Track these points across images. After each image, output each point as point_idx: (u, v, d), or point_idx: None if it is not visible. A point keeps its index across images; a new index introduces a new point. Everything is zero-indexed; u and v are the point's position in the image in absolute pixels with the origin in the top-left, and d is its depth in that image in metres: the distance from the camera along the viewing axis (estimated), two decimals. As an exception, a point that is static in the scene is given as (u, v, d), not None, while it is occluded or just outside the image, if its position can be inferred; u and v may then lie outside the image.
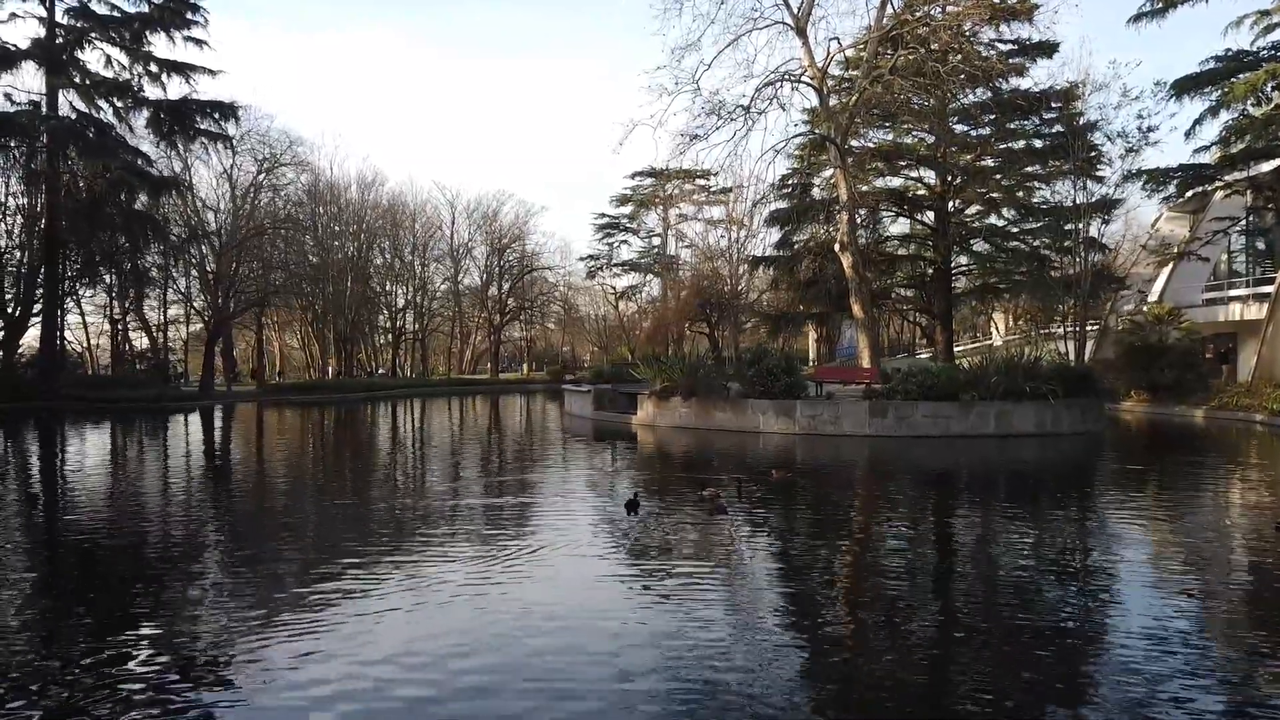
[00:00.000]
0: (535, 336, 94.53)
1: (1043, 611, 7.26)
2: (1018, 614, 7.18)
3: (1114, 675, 5.74)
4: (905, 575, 8.75)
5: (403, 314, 79.01)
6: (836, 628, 7.05)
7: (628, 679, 5.64)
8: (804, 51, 30.09)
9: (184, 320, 60.47)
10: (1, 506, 13.58)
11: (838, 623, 7.20)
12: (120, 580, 8.69)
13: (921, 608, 7.58)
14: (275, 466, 19.61)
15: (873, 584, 8.43)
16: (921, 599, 7.89)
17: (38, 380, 41.79)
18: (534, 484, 15.37)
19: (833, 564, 9.34)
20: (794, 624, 7.06)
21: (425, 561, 9.05)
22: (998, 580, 8.43)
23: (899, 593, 8.03)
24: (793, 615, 7.32)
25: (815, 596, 8.08)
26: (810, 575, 8.85)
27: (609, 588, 8.02)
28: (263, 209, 55.15)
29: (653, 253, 78.18)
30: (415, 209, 78.00)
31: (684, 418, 25.86)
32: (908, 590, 8.16)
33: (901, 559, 9.50)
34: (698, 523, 10.89)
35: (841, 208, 30.97)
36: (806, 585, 8.47)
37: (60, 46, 42.03)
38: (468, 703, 5.34)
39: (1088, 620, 7.05)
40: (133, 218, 44.47)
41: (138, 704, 5.34)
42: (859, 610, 7.53)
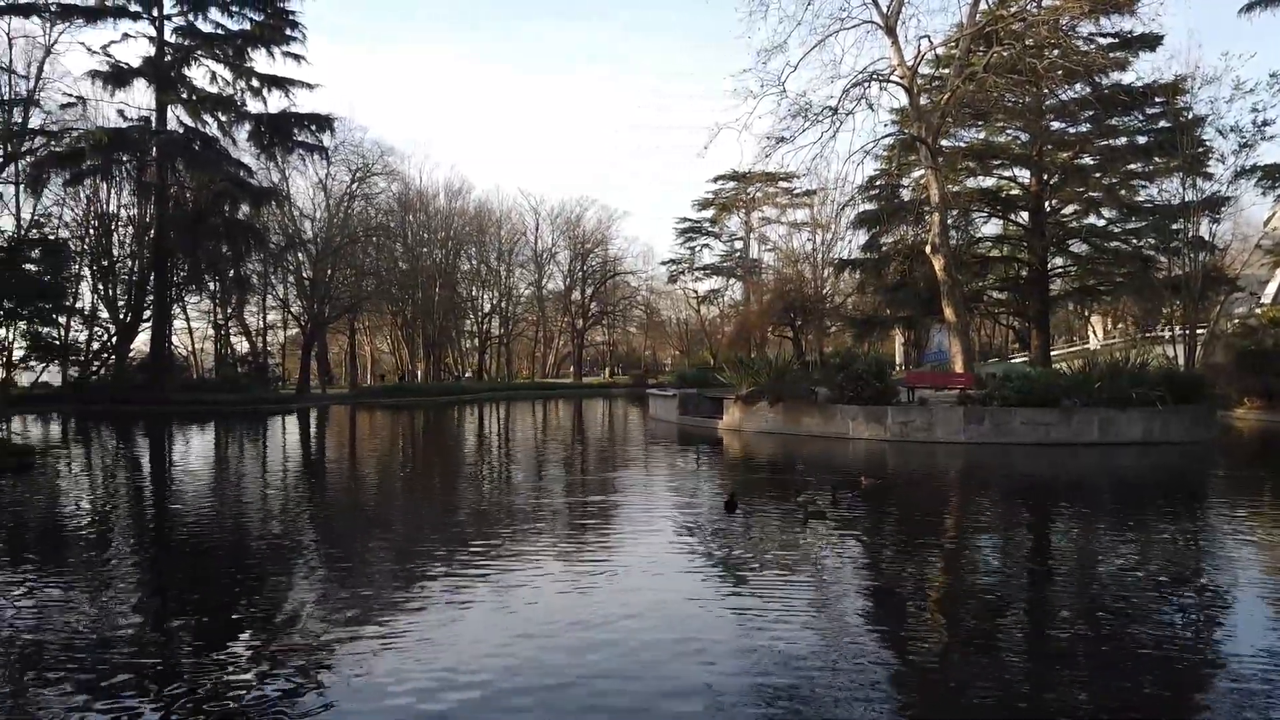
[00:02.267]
0: (617, 340, 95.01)
1: (1148, 629, 6.88)
2: (1121, 632, 6.81)
3: (1225, 697, 5.40)
4: (1000, 588, 8.43)
5: (488, 318, 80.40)
6: (926, 642, 6.80)
7: (714, 688, 5.55)
8: (893, 50, 29.50)
9: (282, 325, 62.75)
10: (115, 503, 14.27)
11: (928, 635, 6.94)
12: (223, 574, 8.99)
13: (1016, 622, 7.29)
14: (367, 467, 20.12)
15: (965, 596, 8.14)
16: (1017, 613, 7.58)
17: (147, 383, 43.83)
18: (620, 486, 15.39)
19: (924, 574, 9.06)
20: (881, 631, 6.87)
21: (512, 560, 9.11)
22: (1099, 596, 8.02)
23: (993, 606, 7.72)
24: (880, 623, 7.12)
25: (905, 606, 7.82)
26: (901, 585, 8.57)
27: (694, 590, 7.93)
28: (356, 217, 56.88)
29: (735, 256, 77.81)
30: (500, 215, 79.42)
31: (770, 423, 25.57)
32: (1002, 604, 7.84)
33: (997, 571, 9.17)
34: (789, 528, 10.72)
35: (932, 209, 30.23)
36: (896, 595, 8.20)
37: (169, 64, 44.12)
38: (547, 700, 5.32)
39: (1196, 639, 6.67)
40: (235, 227, 46.38)
41: (238, 694, 5.51)
42: (950, 623, 7.28)
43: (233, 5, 44.47)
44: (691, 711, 5.20)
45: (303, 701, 5.44)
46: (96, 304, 49.00)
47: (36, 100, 43.71)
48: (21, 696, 5.57)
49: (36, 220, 45.81)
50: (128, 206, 49.65)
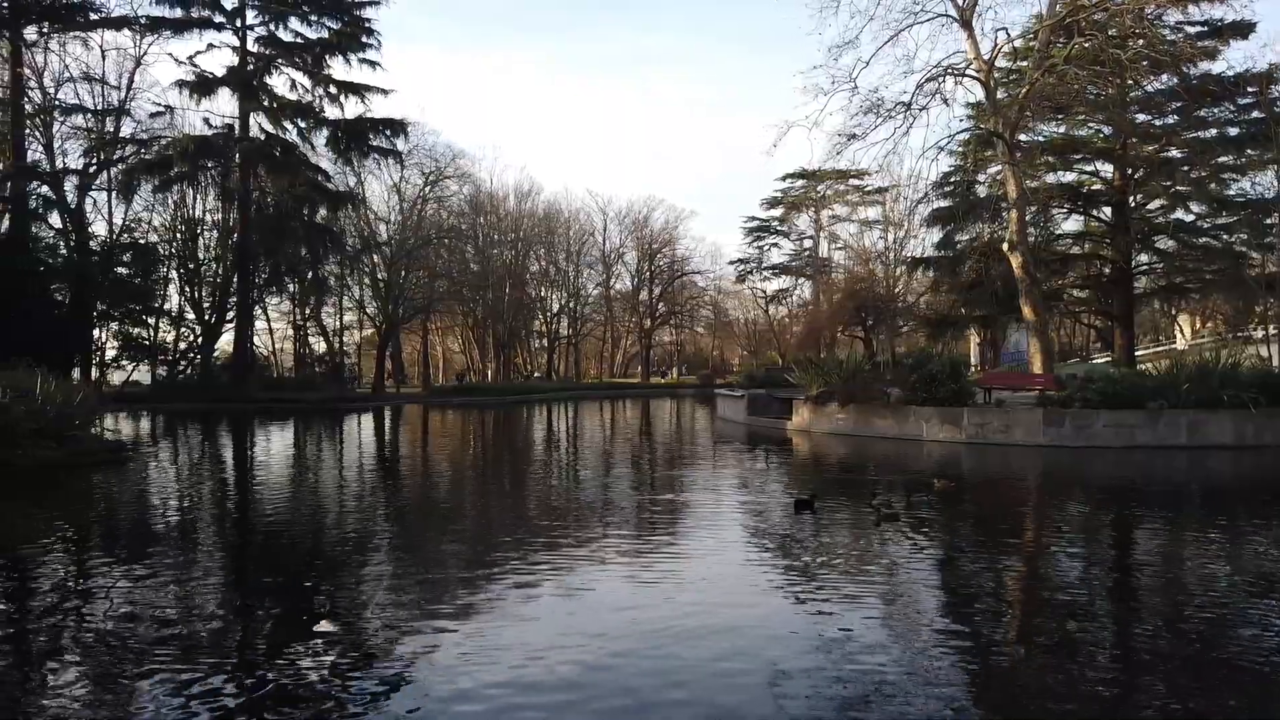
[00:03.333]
0: (684, 340, 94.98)
1: (1236, 638, 6.55)
2: (1209, 640, 6.50)
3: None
4: (1081, 593, 8.13)
5: (557, 319, 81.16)
6: (1004, 648, 6.59)
7: (782, 694, 5.48)
8: (969, 44, 28.82)
9: (358, 326, 64.36)
10: (202, 496, 14.80)
11: (1005, 641, 6.73)
12: (302, 566, 9.23)
13: (1097, 628, 7.02)
14: (440, 464, 20.48)
15: (1044, 601, 7.87)
16: (1097, 618, 7.30)
17: (231, 382, 45.35)
18: (688, 485, 15.35)
19: (1002, 578, 8.80)
20: (957, 636, 6.68)
21: (580, 558, 9.15)
22: (1185, 603, 7.67)
23: (1072, 611, 7.44)
24: (956, 628, 6.93)
25: (983, 611, 7.60)
26: (977, 589, 8.33)
27: (763, 594, 7.85)
28: (428, 220, 58.01)
29: (804, 255, 77.10)
30: (569, 216, 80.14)
31: (841, 424, 25.22)
32: (1082, 609, 7.55)
33: (1078, 576, 8.87)
34: (861, 530, 10.55)
35: (1010, 205, 29.45)
36: (973, 599, 7.98)
37: (251, 73, 45.59)
38: (618, 704, 5.31)
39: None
40: (313, 230, 47.73)
41: (315, 687, 5.64)
42: (1027, 629, 7.05)
43: (312, 14, 45.75)
44: (761, 717, 5.14)
45: (376, 694, 5.54)
46: (183, 305, 51.02)
47: (127, 110, 45.73)
48: (114, 681, 5.79)
49: (127, 225, 47.93)
50: (212, 211, 51.62)
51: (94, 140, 45.28)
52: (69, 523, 12.25)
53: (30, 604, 7.86)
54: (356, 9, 46.31)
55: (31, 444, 16.85)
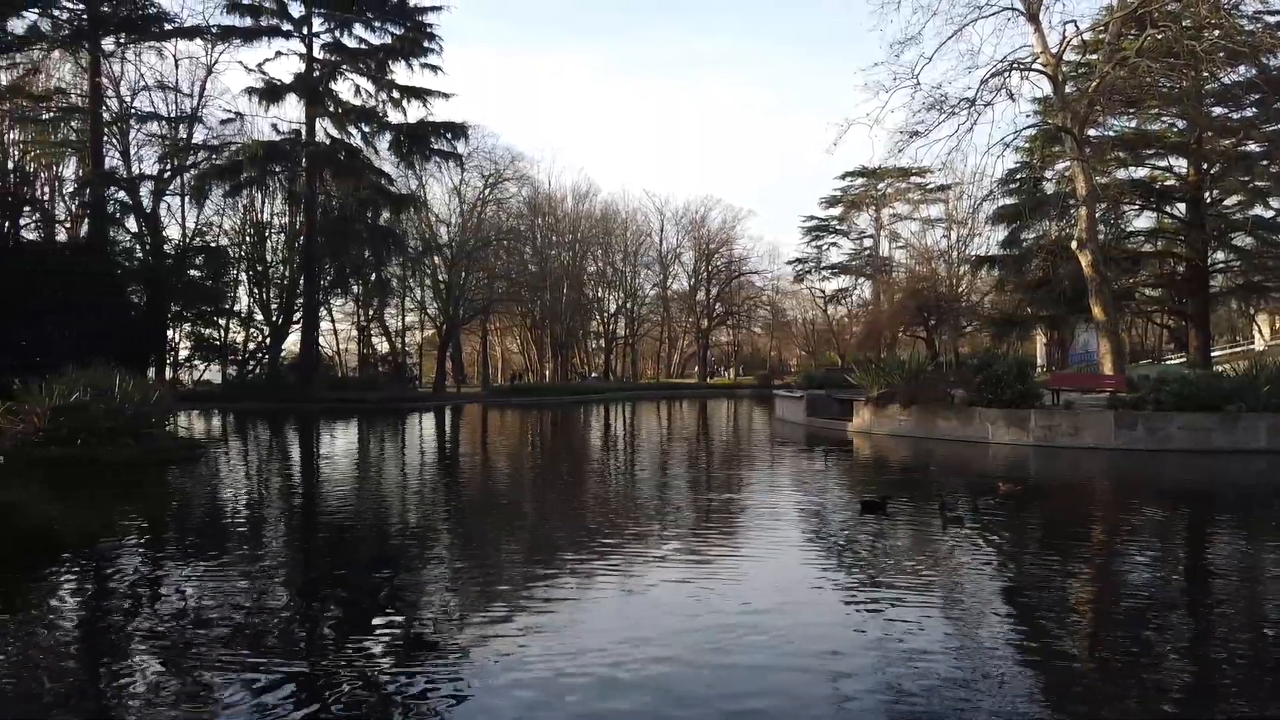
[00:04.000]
0: (742, 341, 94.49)
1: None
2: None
3: None
4: (1151, 598, 7.87)
5: (614, 319, 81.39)
6: (1071, 654, 6.40)
7: (843, 700, 5.41)
8: (1036, 37, 28.19)
9: (419, 326, 65.42)
10: (272, 492, 15.19)
11: (1073, 646, 6.54)
12: (366, 560, 9.39)
13: (1168, 633, 6.80)
14: (500, 462, 20.70)
15: (1113, 606, 7.64)
16: (1169, 623, 7.07)
17: (297, 381, 46.45)
18: (747, 486, 15.27)
19: (1069, 582, 8.57)
20: (1021, 642, 6.53)
21: (637, 558, 9.16)
22: (1261, 609, 7.36)
23: (1142, 616, 7.21)
24: (1021, 633, 6.76)
25: (1049, 616, 7.39)
26: (1044, 593, 8.10)
27: (823, 596, 7.76)
28: (488, 222, 58.71)
29: (864, 254, 76.16)
30: (626, 217, 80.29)
31: (903, 425, 24.83)
32: (1153, 614, 7.30)
33: (1148, 581, 8.60)
34: (926, 532, 10.37)
35: (1079, 202, 28.71)
36: (1039, 604, 7.75)
37: (317, 79, 46.64)
38: (673, 706, 5.30)
39: None
40: (377, 233, 48.66)
41: (382, 681, 5.73)
42: (1096, 634, 6.86)
43: (375, 20, 46.63)
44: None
45: (434, 690, 5.61)
46: (252, 307, 52.49)
47: (199, 117, 47.25)
48: (186, 670, 5.97)
49: (199, 229, 49.49)
50: (280, 215, 53.04)
51: (168, 146, 46.81)
52: (146, 517, 12.68)
53: (108, 595, 8.15)
54: (418, 14, 47.08)
55: (111, 441, 17.47)
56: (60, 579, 8.74)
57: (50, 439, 17.42)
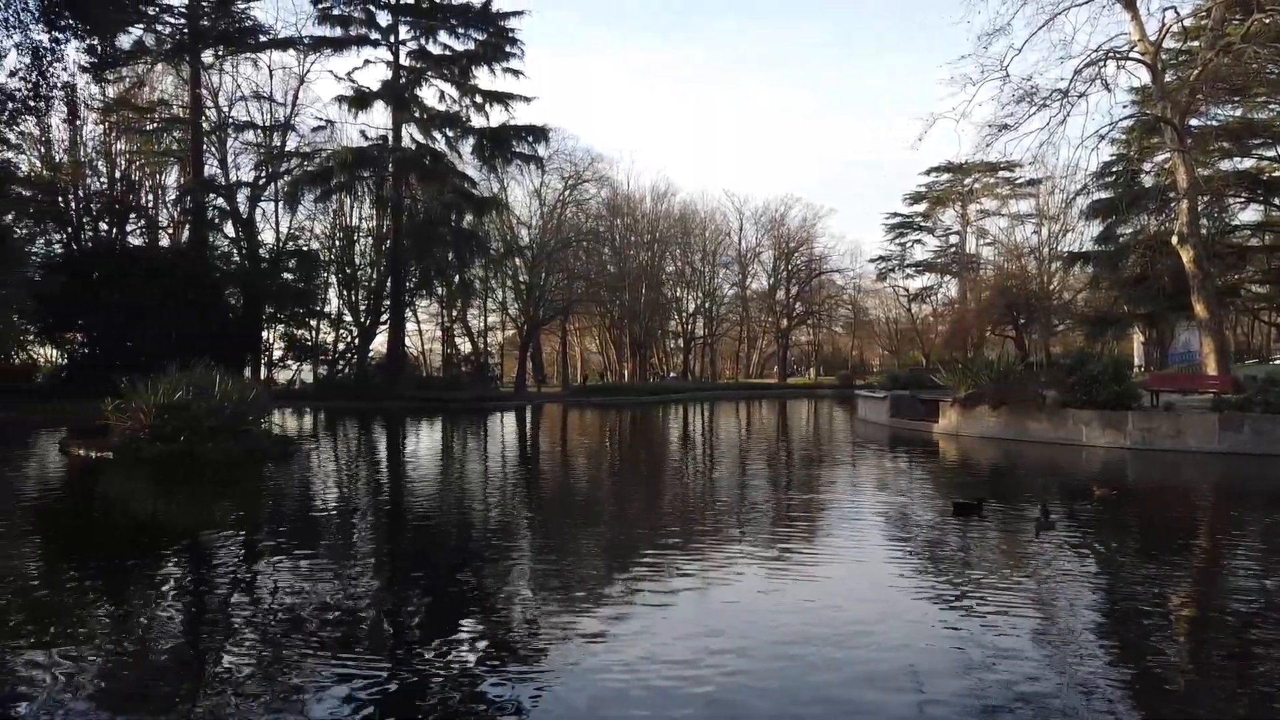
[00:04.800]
0: (822, 340, 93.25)
1: None
2: None
3: None
4: (1251, 605, 7.45)
5: (692, 319, 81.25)
6: (1166, 664, 6.10)
7: (924, 701, 5.26)
8: (1133, 25, 27.07)
9: (500, 327, 66.44)
10: (362, 489, 15.63)
11: (1167, 656, 6.23)
12: (451, 559, 9.56)
13: (1269, 642, 6.42)
14: (580, 461, 20.85)
15: (1211, 614, 7.25)
16: (1270, 633, 6.67)
17: (385, 381, 47.66)
18: (830, 487, 15.04)
19: (1166, 590, 8.18)
20: (1114, 650, 6.26)
21: (716, 558, 9.09)
22: None
23: (1241, 625, 6.82)
24: (1114, 642, 6.48)
25: (1143, 624, 7.05)
26: (1139, 601, 7.73)
27: (909, 601, 7.57)
28: (568, 223, 59.23)
29: (950, 252, 74.34)
30: (705, 217, 79.96)
31: (992, 427, 24.15)
32: (1253, 623, 6.91)
33: (1249, 589, 8.15)
34: (1017, 537, 10.04)
35: (1180, 195, 27.47)
36: (1133, 611, 7.40)
37: (403, 86, 47.76)
38: (749, 712, 5.23)
39: None
40: (460, 235, 49.55)
41: (464, 678, 5.82)
42: (1192, 643, 6.52)
43: (459, 27, 47.50)
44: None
45: (516, 688, 5.67)
46: (341, 308, 54.07)
47: (292, 125, 48.88)
48: (276, 665, 6.17)
49: (292, 233, 51.20)
50: (368, 219, 54.52)
51: (263, 154, 48.59)
52: (243, 512, 13.18)
53: (206, 587, 8.49)
54: (500, 19, 47.75)
55: (211, 439, 18.21)
56: (163, 570, 9.15)
57: (155, 436, 18.27)
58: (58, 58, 21.95)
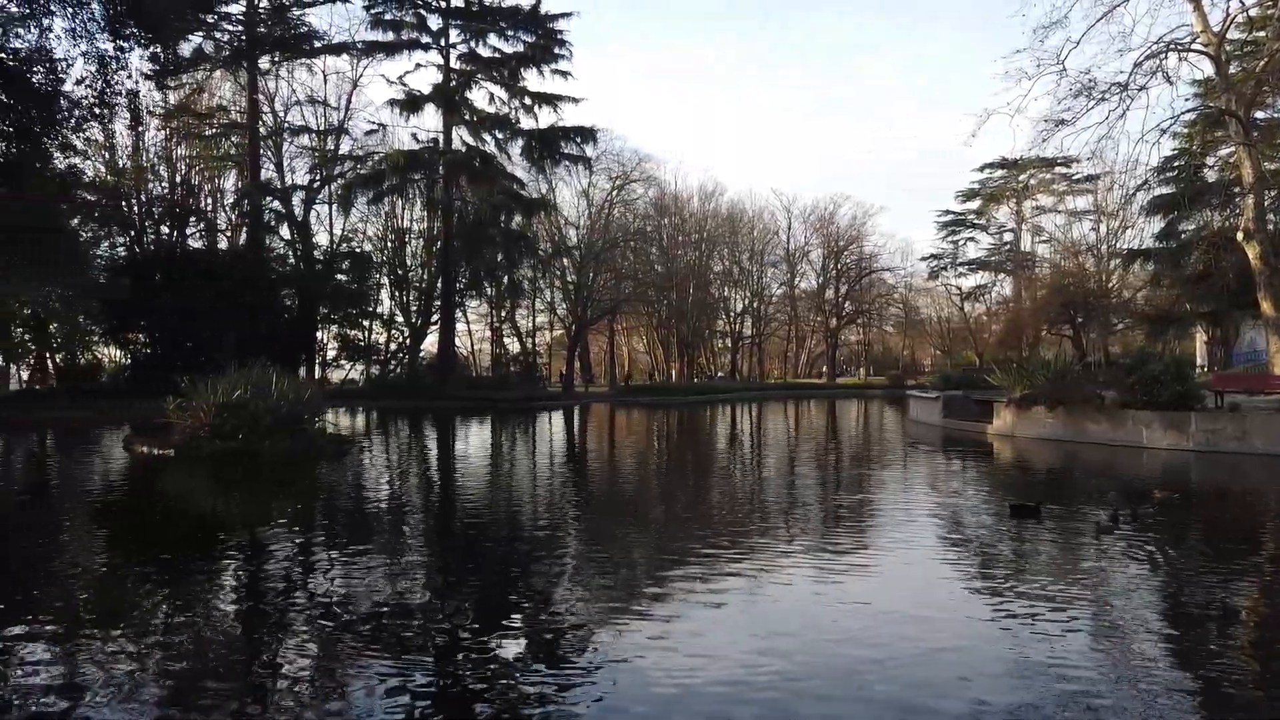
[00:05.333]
0: (872, 340, 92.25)
1: None
2: None
3: None
4: None
5: (740, 319, 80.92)
6: (1230, 672, 5.89)
7: (978, 709, 5.15)
8: (1195, 16, 26.29)
9: (548, 327, 66.85)
10: (414, 487, 15.84)
11: (1232, 664, 6.01)
12: (501, 557, 9.63)
13: None
14: (629, 461, 20.87)
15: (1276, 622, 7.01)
16: None
17: (435, 381, 48.27)
18: (881, 488, 14.85)
19: (1231, 597, 7.91)
20: (1176, 659, 6.05)
21: (767, 560, 9.02)
22: None
23: None
24: (1176, 650, 6.27)
25: (1208, 632, 6.82)
26: (1202, 607, 7.48)
27: (963, 606, 7.44)
28: (615, 223, 59.38)
29: (1004, 249, 72.97)
30: (753, 216, 79.65)
31: (1048, 428, 23.66)
32: None
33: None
34: (1074, 541, 9.81)
35: (1245, 190, 26.62)
36: (1197, 618, 7.16)
37: (453, 89, 48.31)
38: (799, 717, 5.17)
39: None
40: (509, 236, 50.00)
41: (515, 678, 5.85)
42: (1259, 653, 6.29)
43: (509, 30, 47.89)
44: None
45: (566, 688, 5.68)
46: (393, 309, 54.89)
47: (346, 129, 49.80)
48: (330, 655, 6.27)
49: (345, 235, 52.13)
50: (419, 220, 55.28)
51: (317, 158, 49.56)
52: (299, 509, 13.44)
53: (262, 581, 8.68)
54: (549, 21, 48.04)
55: (268, 437, 18.61)
56: (221, 564, 9.36)
57: (215, 434, 18.72)
58: (122, 66, 22.63)
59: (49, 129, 20.35)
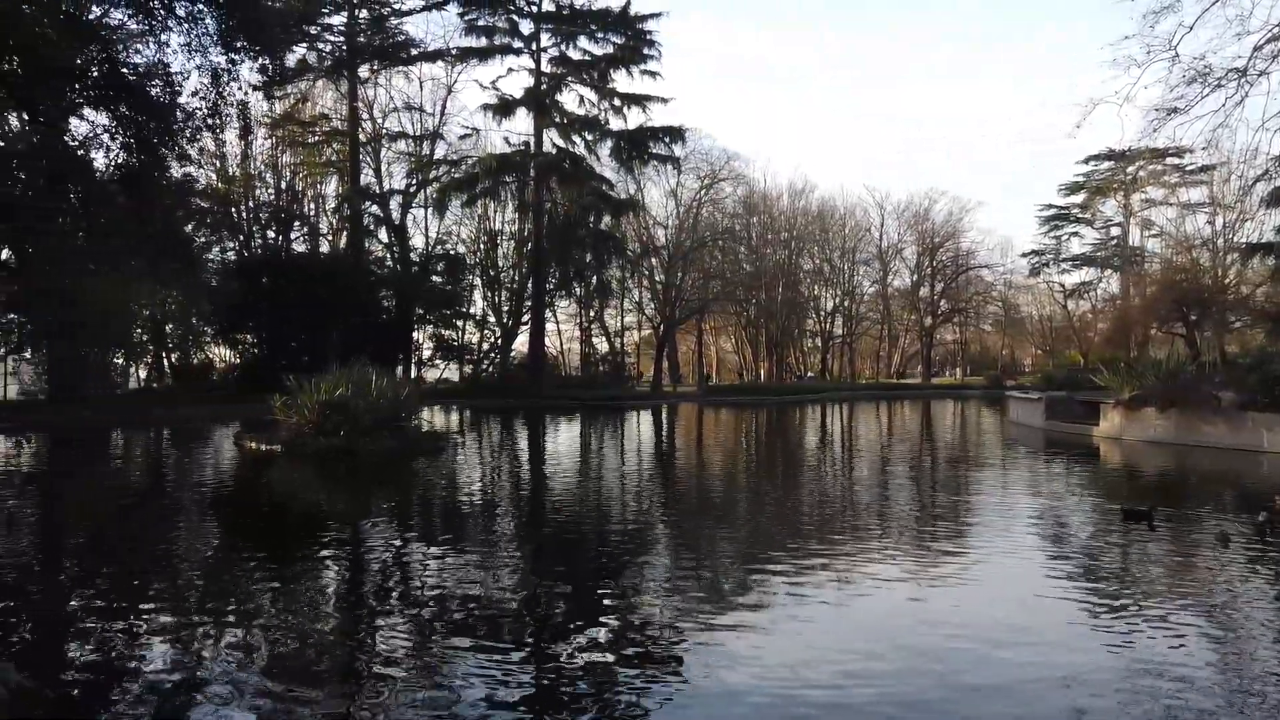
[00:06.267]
0: (969, 339, 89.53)
1: None
2: None
3: None
4: None
5: (830, 318, 79.65)
6: None
7: None
8: (1324, -9, 24.68)
9: (636, 327, 67.11)
10: (507, 483, 16.11)
11: None
12: (592, 555, 9.69)
13: None
14: (717, 462, 20.77)
15: None
16: None
17: (526, 380, 49.01)
18: (982, 491, 14.38)
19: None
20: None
21: (861, 562, 8.84)
22: None
23: None
24: None
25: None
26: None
27: (1071, 614, 7.13)
28: (703, 222, 59.22)
29: (1111, 244, 69.85)
30: (844, 213, 78.23)
31: (1159, 431, 22.56)
32: None
33: None
34: (1193, 550, 9.30)
35: (1379, 177, 24.82)
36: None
37: (544, 92, 48.95)
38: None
39: None
40: (598, 237, 50.42)
41: (601, 675, 5.86)
42: None
43: (598, 31, 48.27)
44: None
45: (651, 687, 5.67)
46: (485, 310, 55.94)
47: (440, 134, 50.99)
48: (422, 646, 6.41)
49: (440, 238, 53.41)
50: (510, 222, 56.18)
51: (413, 162, 50.91)
52: (397, 503, 13.82)
53: (362, 572, 8.95)
54: (638, 22, 48.22)
55: (368, 434, 19.19)
56: (322, 556, 9.69)
57: (318, 431, 19.40)
58: (233, 78, 23.68)
59: (166, 140, 21.46)
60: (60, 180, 19.57)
